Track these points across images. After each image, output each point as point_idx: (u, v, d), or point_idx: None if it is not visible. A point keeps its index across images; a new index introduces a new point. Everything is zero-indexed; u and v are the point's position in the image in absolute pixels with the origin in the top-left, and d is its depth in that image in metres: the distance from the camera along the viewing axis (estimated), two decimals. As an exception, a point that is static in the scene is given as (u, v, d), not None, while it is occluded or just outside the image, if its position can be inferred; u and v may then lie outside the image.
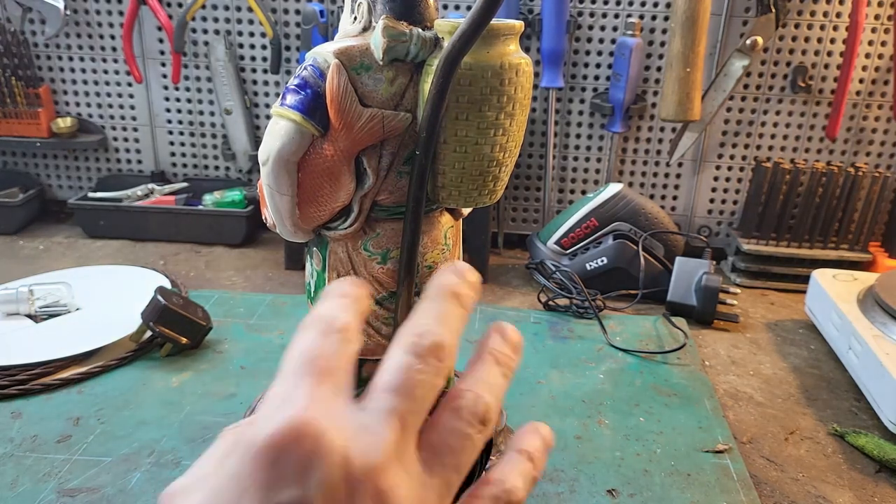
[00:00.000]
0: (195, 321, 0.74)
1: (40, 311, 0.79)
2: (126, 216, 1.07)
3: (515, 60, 0.44)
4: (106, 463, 0.58)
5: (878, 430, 0.67)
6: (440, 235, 0.50)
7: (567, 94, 1.06)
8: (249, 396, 0.67)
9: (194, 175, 1.16)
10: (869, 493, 0.59)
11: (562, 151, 1.10)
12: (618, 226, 0.96)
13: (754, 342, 0.85)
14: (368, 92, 0.44)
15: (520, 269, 1.04)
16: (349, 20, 0.46)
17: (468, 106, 0.43)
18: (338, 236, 0.48)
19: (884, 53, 1.01)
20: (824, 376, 0.78)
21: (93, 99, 1.12)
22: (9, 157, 1.17)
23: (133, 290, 0.85)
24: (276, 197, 0.45)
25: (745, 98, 1.05)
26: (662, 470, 0.60)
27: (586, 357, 0.79)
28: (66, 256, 1.01)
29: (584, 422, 0.67)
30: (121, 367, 0.72)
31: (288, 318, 0.84)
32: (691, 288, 0.90)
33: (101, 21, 1.08)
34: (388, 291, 0.49)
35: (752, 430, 0.67)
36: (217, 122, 1.13)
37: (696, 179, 1.09)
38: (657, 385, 0.73)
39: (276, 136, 0.44)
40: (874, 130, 1.05)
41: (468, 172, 0.46)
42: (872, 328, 0.73)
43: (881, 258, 0.99)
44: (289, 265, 1.00)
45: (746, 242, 1.00)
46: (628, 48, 0.99)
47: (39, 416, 0.64)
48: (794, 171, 0.97)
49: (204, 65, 1.09)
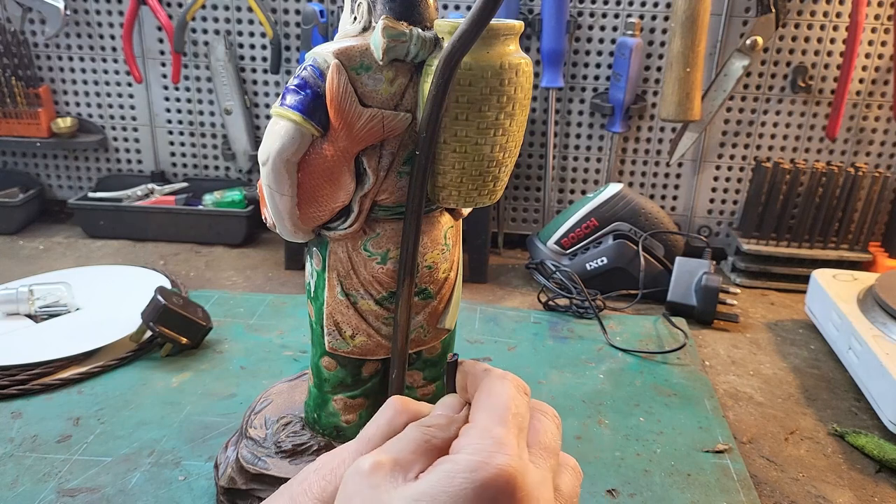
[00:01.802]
0: (195, 321, 0.74)
1: (40, 311, 0.79)
2: (126, 216, 1.07)
3: (515, 60, 0.44)
4: (106, 463, 0.58)
5: (878, 430, 0.67)
6: (440, 235, 0.50)
7: (567, 94, 1.06)
8: (249, 396, 0.67)
9: (194, 175, 1.16)
10: (869, 493, 0.59)
11: (562, 151, 1.10)
12: (618, 226, 0.96)
13: (754, 342, 0.85)
14: (368, 92, 0.44)
15: (520, 269, 1.04)
16: (349, 20, 0.46)
17: (468, 106, 0.43)
18: (338, 236, 0.48)
19: (884, 53, 1.01)
20: (824, 376, 0.78)
21: (93, 99, 1.12)
22: (9, 157, 1.17)
23: (133, 290, 0.85)
24: (276, 197, 0.45)
25: (745, 98, 1.05)
26: (662, 470, 0.60)
27: (586, 357, 0.79)
28: (66, 256, 1.01)
29: (584, 422, 0.67)
30: (121, 367, 0.72)
31: (288, 318, 0.84)
32: (691, 288, 0.90)
33: (101, 21, 1.08)
34: (388, 291, 0.49)
35: (752, 430, 0.67)
36: (217, 122, 1.13)
37: (696, 179, 1.09)
38: (657, 385, 0.73)
39: (276, 136, 0.44)
40: (874, 130, 1.05)
41: (468, 172, 0.46)
42: (872, 328, 0.73)
43: (881, 258, 1.00)
44: (289, 265, 1.00)
45: (746, 242, 1.00)
46: (628, 48, 0.99)
47: (39, 416, 0.64)
48: (794, 171, 0.97)
49: (204, 65, 1.09)
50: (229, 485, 0.53)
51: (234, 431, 0.58)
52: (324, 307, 0.50)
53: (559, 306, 0.90)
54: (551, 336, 0.83)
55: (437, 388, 0.56)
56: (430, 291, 0.50)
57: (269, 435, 0.54)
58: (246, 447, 0.54)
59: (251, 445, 0.54)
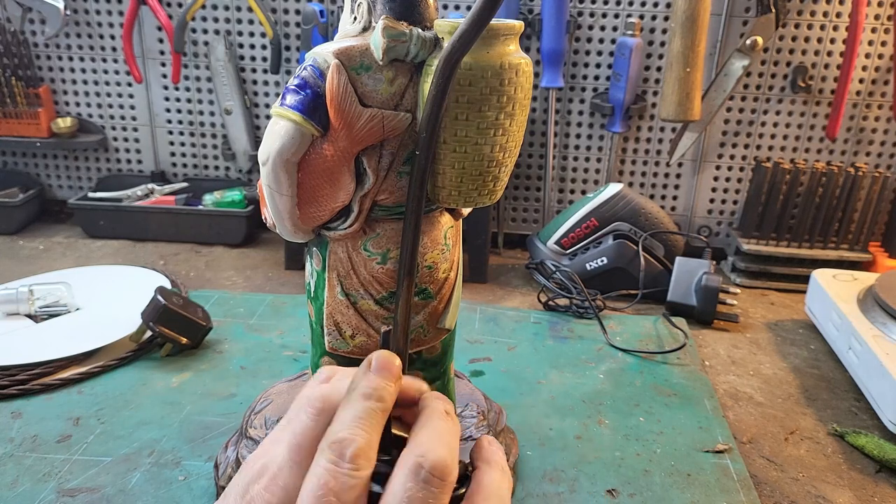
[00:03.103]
0: (195, 321, 0.74)
1: (40, 311, 0.79)
2: (126, 216, 1.07)
3: (515, 60, 0.44)
4: (106, 463, 0.58)
5: (878, 430, 0.67)
6: (440, 235, 0.50)
7: (567, 94, 1.06)
8: (249, 396, 0.67)
9: (194, 175, 1.16)
10: (869, 493, 0.59)
11: (562, 151, 1.10)
12: (618, 226, 0.96)
13: (754, 342, 0.85)
14: (368, 92, 0.44)
15: (520, 269, 1.04)
16: (349, 20, 0.46)
17: (468, 106, 0.43)
18: (338, 236, 0.48)
19: (884, 53, 1.01)
20: (824, 376, 0.78)
21: (93, 99, 1.12)
22: (9, 157, 1.17)
23: (133, 290, 0.85)
24: (276, 197, 0.45)
25: (745, 98, 1.05)
26: (662, 470, 0.60)
27: (586, 357, 0.79)
28: (66, 256, 1.01)
29: (584, 422, 0.67)
30: (121, 367, 0.72)
31: (288, 318, 0.84)
32: (691, 288, 0.90)
33: (101, 21, 1.08)
34: (387, 291, 0.49)
35: (752, 430, 0.67)
36: (217, 122, 1.13)
37: (696, 179, 1.09)
38: (657, 385, 0.73)
39: (276, 136, 0.44)
40: (874, 130, 1.05)
41: (468, 172, 0.46)
42: (872, 328, 0.73)
43: (881, 258, 1.00)
44: (289, 265, 1.00)
45: (746, 242, 1.00)
46: (628, 48, 0.99)
47: (39, 416, 0.64)
48: (794, 171, 0.97)
49: (204, 65, 1.09)
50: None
51: (235, 431, 0.58)
52: (324, 307, 0.50)
53: (559, 306, 0.90)
54: (551, 336, 0.83)
55: (437, 387, 0.56)
56: (430, 291, 0.50)
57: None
58: (246, 447, 0.54)
59: (251, 445, 0.54)
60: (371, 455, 0.29)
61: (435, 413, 0.32)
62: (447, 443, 0.30)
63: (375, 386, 0.31)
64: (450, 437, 0.31)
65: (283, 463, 0.31)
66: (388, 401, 0.31)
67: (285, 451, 0.31)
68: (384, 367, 0.32)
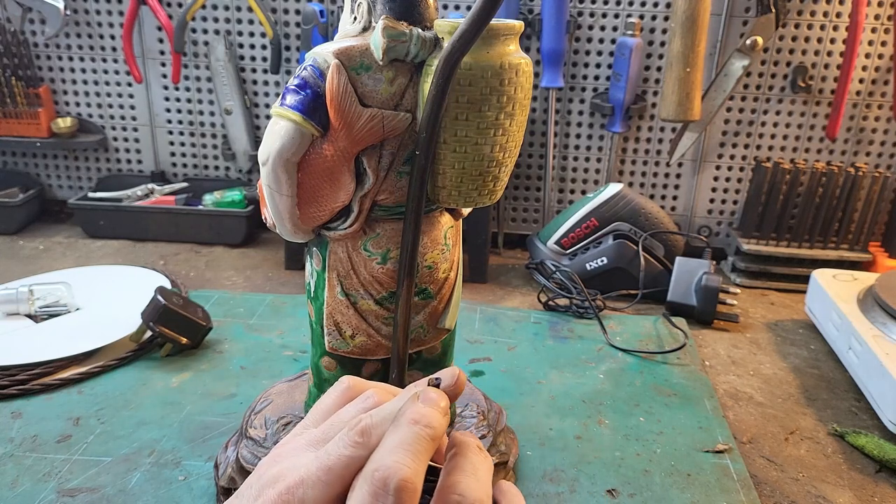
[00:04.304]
0: (195, 321, 0.74)
1: (40, 311, 0.79)
2: (126, 216, 1.07)
3: (515, 60, 0.44)
4: (106, 463, 0.58)
5: (878, 430, 0.67)
6: (440, 235, 0.50)
7: (567, 94, 1.06)
8: (249, 396, 0.67)
9: (194, 175, 1.16)
10: (869, 493, 0.59)
11: (562, 151, 1.10)
12: (618, 226, 0.96)
13: (754, 342, 0.85)
14: (368, 92, 0.44)
15: (520, 269, 1.04)
16: (349, 20, 0.46)
17: (468, 106, 0.43)
18: (338, 236, 0.48)
19: (884, 53, 1.01)
20: (824, 376, 0.78)
21: (93, 99, 1.12)
22: (9, 157, 1.17)
23: (133, 290, 0.85)
24: (276, 197, 0.45)
25: (745, 98, 1.05)
26: (662, 470, 0.60)
27: (586, 357, 0.79)
28: (66, 256, 1.01)
29: (584, 422, 0.67)
30: (121, 367, 0.72)
31: (288, 318, 0.84)
32: (691, 288, 0.90)
33: (101, 21, 1.08)
34: (388, 291, 0.49)
35: (752, 430, 0.67)
36: (217, 122, 1.13)
37: (696, 179, 1.09)
38: (657, 385, 0.73)
39: (276, 136, 0.44)
40: (874, 130, 1.05)
41: (468, 172, 0.46)
42: (872, 328, 0.73)
43: (881, 258, 1.00)
44: (289, 265, 1.00)
45: (746, 242, 1.00)
46: (628, 48, 0.99)
47: (39, 416, 0.64)
48: (794, 171, 0.97)
49: (204, 65, 1.09)
50: (229, 485, 0.53)
51: (234, 431, 0.58)
52: (324, 307, 0.50)
53: (559, 306, 0.90)
54: (551, 336, 0.83)
55: (437, 388, 0.55)
56: (429, 291, 0.50)
57: (269, 435, 0.54)
58: (246, 447, 0.54)
59: (251, 445, 0.54)
60: (417, 486, 0.29)
61: (469, 449, 0.32)
62: (483, 481, 0.31)
63: (425, 413, 0.31)
64: (485, 474, 0.31)
65: (309, 477, 0.30)
66: (439, 430, 0.31)
67: (314, 467, 0.30)
68: (432, 401, 0.32)
